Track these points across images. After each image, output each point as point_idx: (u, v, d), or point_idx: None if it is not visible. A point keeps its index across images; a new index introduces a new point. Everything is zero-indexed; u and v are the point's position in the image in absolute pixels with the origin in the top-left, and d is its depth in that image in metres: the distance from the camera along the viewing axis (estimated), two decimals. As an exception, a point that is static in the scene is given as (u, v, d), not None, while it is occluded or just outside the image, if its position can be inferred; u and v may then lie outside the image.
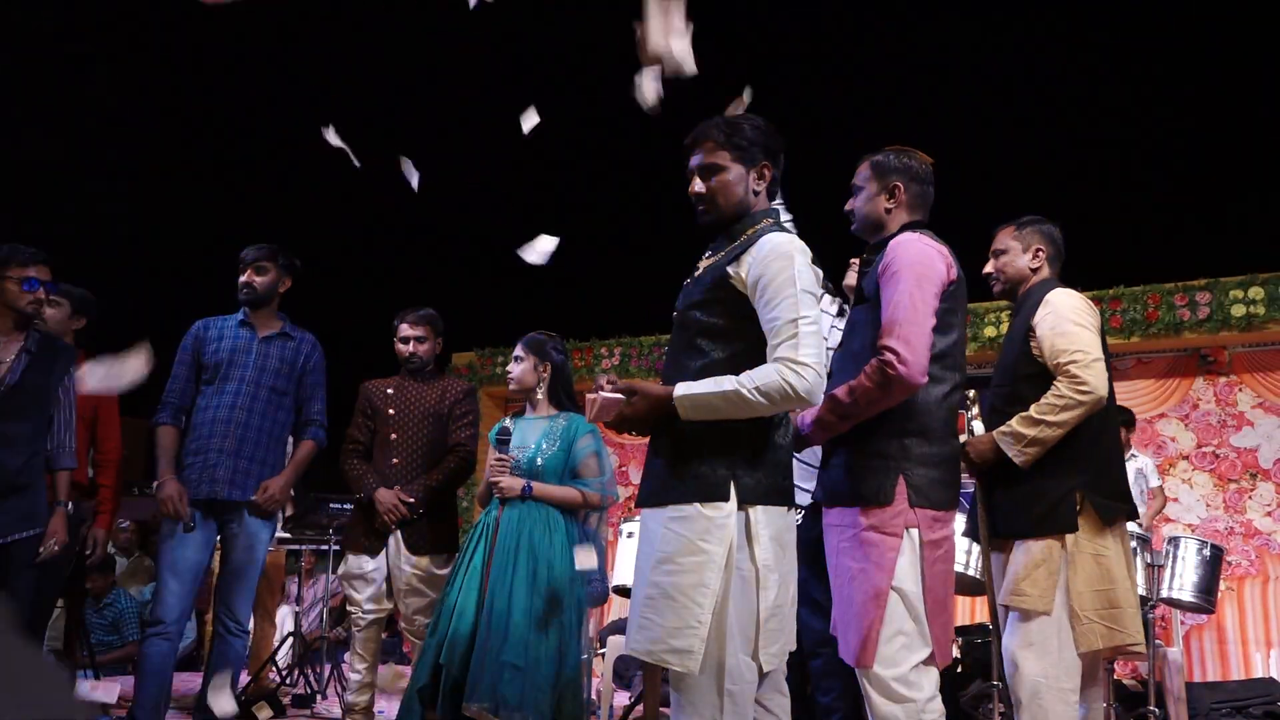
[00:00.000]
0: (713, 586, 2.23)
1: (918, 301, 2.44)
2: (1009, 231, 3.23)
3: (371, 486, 4.06)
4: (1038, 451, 2.89)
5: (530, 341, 3.81)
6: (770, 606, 2.28)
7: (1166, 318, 6.60)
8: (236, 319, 4.04)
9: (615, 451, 8.47)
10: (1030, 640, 2.87)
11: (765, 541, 2.28)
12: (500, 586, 3.41)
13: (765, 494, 2.30)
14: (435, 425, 4.18)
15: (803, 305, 2.24)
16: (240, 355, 3.94)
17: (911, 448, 2.46)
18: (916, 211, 2.71)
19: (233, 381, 3.90)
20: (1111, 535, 2.95)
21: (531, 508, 3.58)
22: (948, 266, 2.55)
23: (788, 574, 2.37)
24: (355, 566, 4.09)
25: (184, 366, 3.98)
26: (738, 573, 2.26)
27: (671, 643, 2.23)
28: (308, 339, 4.11)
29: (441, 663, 3.36)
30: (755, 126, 2.48)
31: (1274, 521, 6.74)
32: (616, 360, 8.37)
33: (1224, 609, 6.43)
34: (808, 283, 2.28)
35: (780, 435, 2.39)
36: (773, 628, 2.29)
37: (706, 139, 2.47)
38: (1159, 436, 7.08)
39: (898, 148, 2.75)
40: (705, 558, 2.24)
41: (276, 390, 3.95)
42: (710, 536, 2.25)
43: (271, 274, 4.01)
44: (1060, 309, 2.98)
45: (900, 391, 2.41)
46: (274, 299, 4.06)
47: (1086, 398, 2.86)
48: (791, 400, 2.21)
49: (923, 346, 2.41)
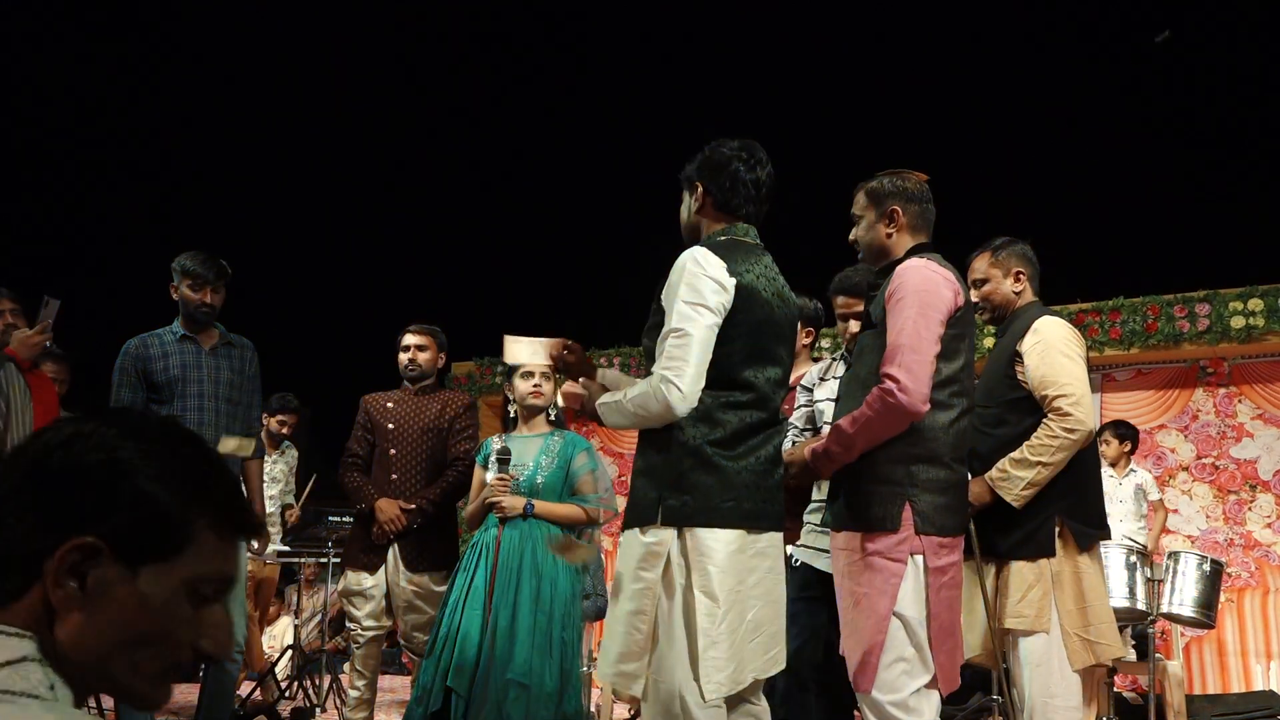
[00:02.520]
0: (649, 613, 2.26)
1: (921, 329, 2.43)
2: (985, 259, 3.20)
3: (371, 497, 4.06)
4: (1033, 492, 2.89)
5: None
6: (712, 633, 2.23)
7: (1166, 329, 6.60)
8: (173, 333, 3.91)
9: (615, 461, 8.46)
10: (1033, 660, 2.88)
11: (708, 566, 2.25)
12: (504, 606, 3.42)
13: (697, 515, 2.27)
14: (435, 440, 4.17)
15: (679, 318, 2.29)
16: (191, 371, 3.84)
17: (918, 474, 2.46)
18: (920, 232, 2.70)
19: (191, 398, 3.82)
20: (1088, 554, 2.97)
21: (533, 526, 3.58)
22: (955, 293, 2.54)
23: (750, 598, 2.32)
24: (354, 583, 4.08)
25: (128, 389, 3.84)
26: (679, 598, 2.26)
27: (620, 667, 2.29)
28: (248, 345, 4.05)
29: (450, 685, 3.36)
30: (701, 154, 2.57)
31: (1274, 533, 6.73)
32: (615, 370, 8.37)
33: (1224, 621, 6.42)
34: (693, 292, 2.31)
35: (728, 453, 2.33)
36: (714, 655, 2.23)
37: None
38: (1158, 448, 7.08)
39: (890, 171, 2.74)
40: (642, 585, 2.28)
41: (231, 401, 3.89)
42: (645, 563, 2.29)
43: (223, 291, 3.95)
44: (1050, 339, 2.97)
45: (902, 420, 2.41)
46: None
47: (1077, 435, 2.87)
48: (657, 408, 2.27)
49: (925, 375, 2.41)
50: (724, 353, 2.33)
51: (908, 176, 2.73)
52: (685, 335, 2.27)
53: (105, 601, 0.92)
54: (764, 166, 2.55)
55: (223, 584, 1.00)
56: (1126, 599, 4.49)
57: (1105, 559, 4.50)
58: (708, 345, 2.29)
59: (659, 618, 2.27)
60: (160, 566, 0.94)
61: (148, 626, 0.94)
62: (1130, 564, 4.58)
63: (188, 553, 0.96)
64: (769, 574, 2.40)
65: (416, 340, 4.24)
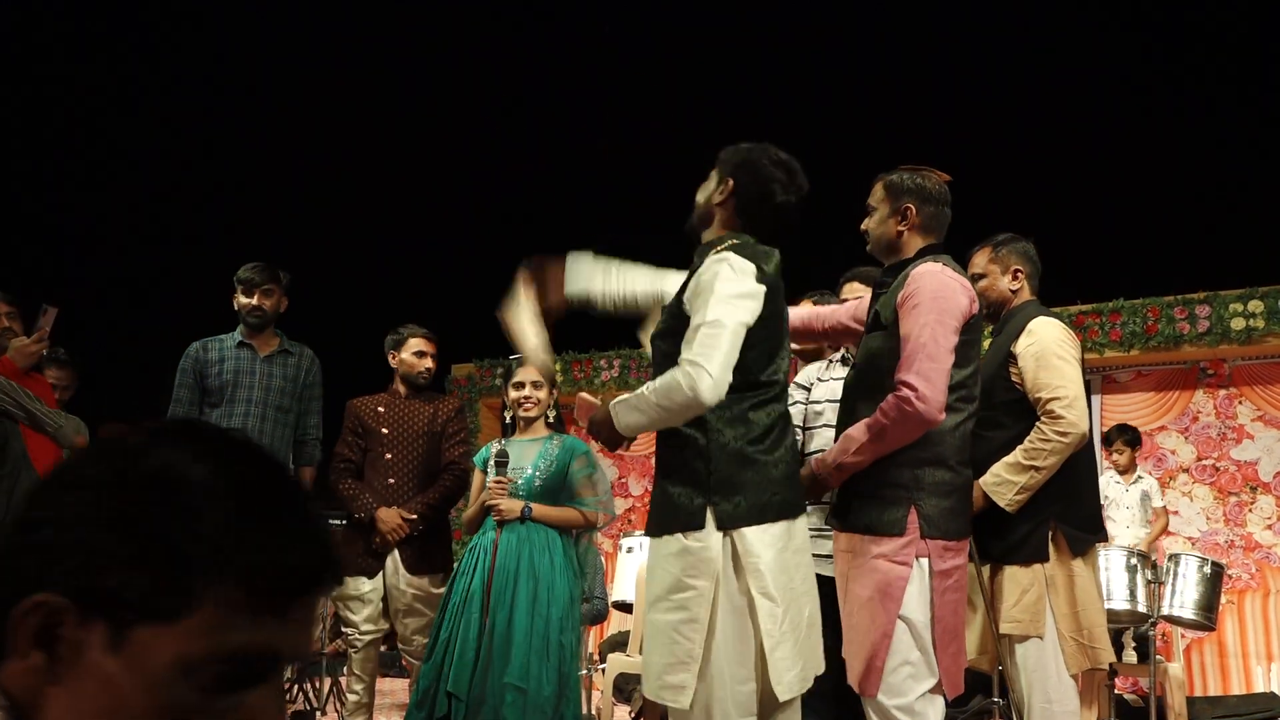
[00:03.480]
0: (702, 621, 2.23)
1: (939, 336, 2.42)
2: (986, 254, 3.17)
3: (370, 506, 4.03)
4: (1026, 497, 2.87)
5: (547, 369, 3.80)
6: (776, 634, 2.24)
7: (1166, 330, 6.60)
8: (234, 339, 4.00)
9: (614, 463, 8.45)
10: (1029, 665, 2.87)
11: (760, 567, 2.24)
12: (501, 609, 3.40)
13: (750, 515, 2.27)
14: (429, 444, 4.16)
15: (713, 309, 2.24)
16: (245, 376, 3.92)
17: (924, 477, 2.45)
18: (931, 234, 2.66)
19: (240, 403, 3.89)
20: (1083, 558, 2.95)
21: (530, 529, 3.57)
22: (970, 300, 2.53)
23: (801, 594, 2.33)
24: (351, 588, 4.04)
25: (186, 390, 3.94)
26: (729, 604, 2.24)
27: (666, 679, 2.24)
28: (307, 353, 4.11)
29: (449, 690, 3.35)
30: (747, 146, 2.51)
31: (1274, 535, 6.72)
32: (616, 372, 8.36)
33: (1224, 623, 6.42)
34: (730, 290, 2.26)
35: (764, 449, 2.33)
36: (781, 655, 2.25)
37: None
38: (1159, 449, 7.07)
39: (911, 167, 2.69)
40: (693, 593, 2.24)
41: (282, 409, 3.96)
42: (695, 570, 2.25)
43: (276, 295, 4.01)
44: (1045, 340, 2.94)
45: (919, 428, 2.40)
46: (276, 319, 4.05)
47: (1069, 439, 2.84)
48: (683, 397, 2.21)
49: (942, 383, 2.40)
50: (750, 356, 2.32)
51: (929, 175, 2.68)
52: (720, 326, 2.23)
53: (83, 678, 0.68)
54: (799, 193, 2.49)
55: (261, 662, 0.72)
56: (1127, 601, 4.49)
57: (1107, 561, 4.51)
58: (738, 342, 2.26)
59: (715, 624, 2.23)
60: (156, 630, 0.68)
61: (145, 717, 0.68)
62: (1131, 566, 4.57)
63: (197, 615, 0.69)
64: (810, 570, 2.41)
65: (431, 348, 4.24)
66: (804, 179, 2.50)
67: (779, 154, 2.49)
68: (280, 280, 4.03)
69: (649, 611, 2.32)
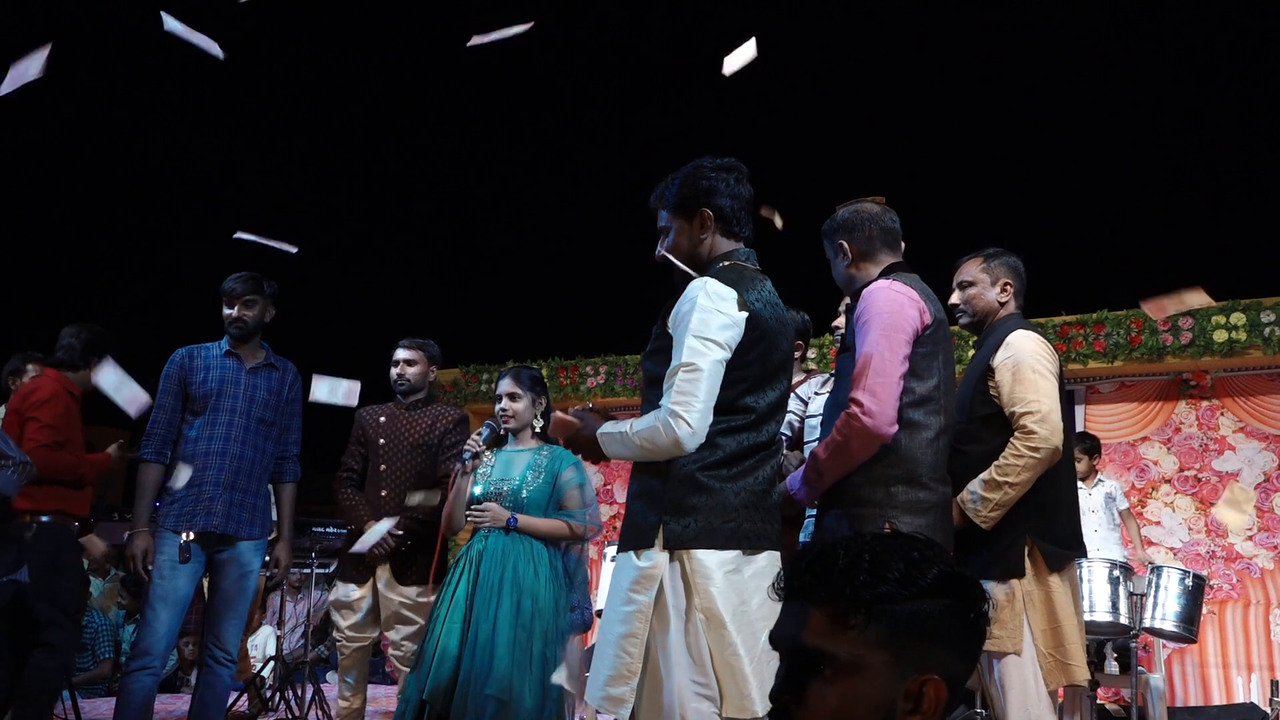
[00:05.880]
0: (641, 636, 2.25)
1: (885, 351, 2.46)
2: (976, 263, 3.19)
3: (364, 519, 4.08)
4: (1001, 513, 2.86)
5: (529, 378, 3.79)
6: (725, 656, 2.21)
7: (1149, 342, 6.64)
8: (220, 348, 3.98)
9: (600, 470, 8.44)
10: (1008, 682, 2.87)
11: (709, 588, 2.23)
12: (484, 619, 3.40)
13: (700, 538, 2.26)
14: (424, 456, 4.18)
15: (690, 352, 2.26)
16: (229, 387, 3.88)
17: (898, 495, 2.46)
18: (881, 254, 2.73)
19: (224, 414, 3.85)
20: (1060, 574, 2.94)
21: (516, 540, 3.56)
22: (920, 311, 2.55)
23: (757, 619, 2.28)
24: (343, 594, 4.14)
25: (170, 396, 3.89)
26: (675, 621, 2.24)
27: (609, 690, 2.27)
28: (290, 368, 4.08)
29: (425, 699, 3.34)
30: (682, 177, 2.51)
31: (1255, 546, 6.77)
32: (602, 379, 8.35)
33: (1205, 633, 6.45)
34: (704, 326, 2.27)
35: (724, 475, 2.31)
36: (736, 673, 2.21)
37: (653, 206, 2.57)
38: (1141, 460, 7.11)
39: (843, 204, 2.79)
40: (634, 607, 2.27)
41: (264, 422, 3.93)
42: (638, 586, 2.28)
43: (259, 305, 3.96)
44: (1021, 354, 2.94)
45: (869, 443, 2.42)
46: (260, 330, 4.03)
47: (1042, 454, 2.82)
48: (665, 443, 2.25)
49: (889, 397, 2.43)
50: (730, 381, 2.32)
51: (856, 206, 2.77)
52: (695, 370, 2.25)
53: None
54: (748, 181, 2.54)
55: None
56: (1109, 613, 4.50)
57: (1089, 574, 4.52)
58: (716, 380, 2.28)
59: (656, 642, 2.25)
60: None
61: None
62: (1113, 578, 4.59)
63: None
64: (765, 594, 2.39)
65: (406, 354, 4.26)
66: (737, 160, 2.55)
67: (710, 159, 2.52)
68: (264, 290, 3.98)
69: (600, 622, 2.38)
